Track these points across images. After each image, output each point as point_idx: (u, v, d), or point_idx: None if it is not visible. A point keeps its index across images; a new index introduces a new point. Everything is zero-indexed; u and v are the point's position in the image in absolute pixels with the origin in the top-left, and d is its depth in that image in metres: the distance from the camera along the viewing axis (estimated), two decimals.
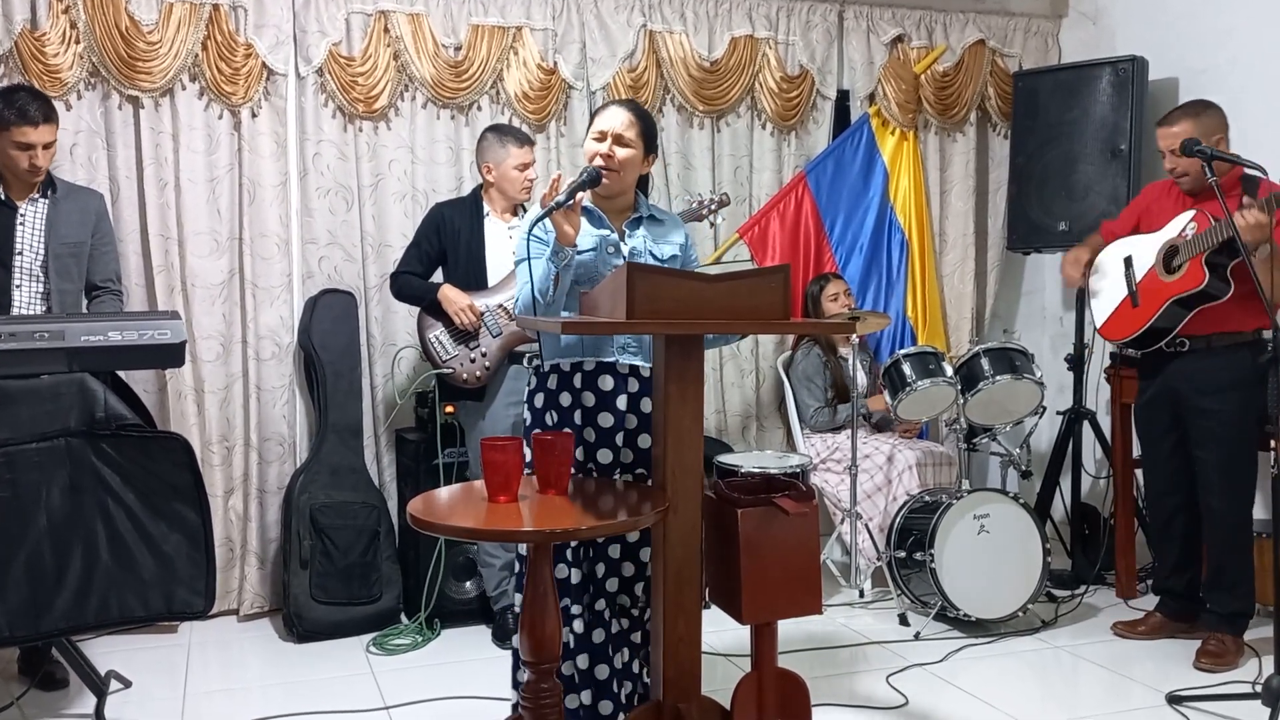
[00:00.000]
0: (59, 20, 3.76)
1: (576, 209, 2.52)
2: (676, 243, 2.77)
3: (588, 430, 2.64)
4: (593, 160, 2.64)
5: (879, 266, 4.89)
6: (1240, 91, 4.23)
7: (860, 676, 3.47)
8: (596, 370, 2.65)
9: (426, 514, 2.20)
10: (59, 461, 2.71)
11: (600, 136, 2.65)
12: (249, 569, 4.06)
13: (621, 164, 2.64)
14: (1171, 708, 3.18)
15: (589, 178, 2.58)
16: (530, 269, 2.54)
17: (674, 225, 2.82)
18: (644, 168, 2.73)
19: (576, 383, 2.66)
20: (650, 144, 2.72)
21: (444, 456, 3.88)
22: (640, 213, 2.75)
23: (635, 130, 2.66)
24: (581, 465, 2.65)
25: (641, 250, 2.70)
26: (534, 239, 2.56)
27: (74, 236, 3.41)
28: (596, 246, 2.65)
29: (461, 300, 3.70)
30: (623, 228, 2.72)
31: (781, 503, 2.45)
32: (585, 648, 2.62)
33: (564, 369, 2.67)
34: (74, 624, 2.76)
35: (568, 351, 2.66)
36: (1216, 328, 3.50)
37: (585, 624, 2.62)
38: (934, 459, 4.35)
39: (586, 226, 2.62)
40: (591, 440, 2.64)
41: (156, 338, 2.84)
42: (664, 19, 4.55)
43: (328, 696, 3.31)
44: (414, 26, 4.17)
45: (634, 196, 2.76)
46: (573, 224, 2.51)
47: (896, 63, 4.86)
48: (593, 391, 2.64)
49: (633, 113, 2.69)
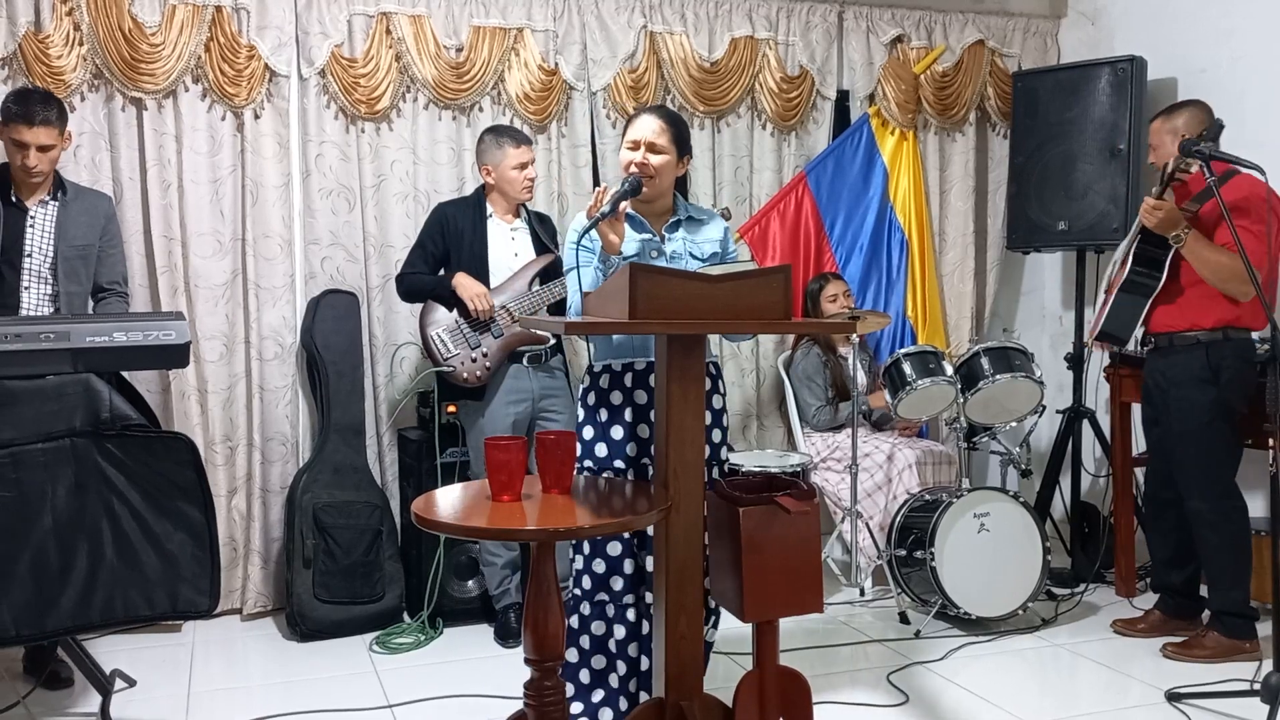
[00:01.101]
0: (63, 22, 3.78)
1: (620, 218, 2.64)
2: (715, 239, 2.87)
3: (641, 427, 2.73)
4: (628, 169, 2.74)
5: (879, 266, 4.90)
6: (1239, 92, 4.25)
7: (861, 674, 3.49)
8: (647, 370, 2.72)
9: (430, 513, 2.22)
10: (64, 461, 2.72)
11: (634, 146, 2.75)
12: (252, 568, 4.07)
13: (657, 170, 2.74)
14: (1170, 705, 3.19)
15: (630, 188, 2.68)
16: (579, 277, 2.65)
17: (711, 221, 2.91)
18: (679, 170, 2.83)
19: (628, 382, 2.75)
20: (684, 147, 2.82)
21: (445, 456, 3.89)
22: (679, 215, 2.85)
23: (667, 136, 2.75)
24: (634, 461, 2.73)
25: (681, 252, 2.80)
26: (581, 249, 2.68)
27: (82, 239, 3.43)
28: (640, 251, 2.76)
29: (476, 287, 3.71)
30: (662, 231, 2.81)
31: (783, 501, 2.45)
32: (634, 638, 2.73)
33: (615, 369, 2.76)
34: (79, 623, 2.76)
35: (619, 352, 2.75)
36: (1174, 325, 3.56)
37: (637, 614, 2.72)
38: (934, 458, 4.36)
39: (629, 232, 2.73)
40: (645, 437, 2.72)
41: (161, 338, 2.85)
42: (664, 20, 4.56)
43: (331, 695, 3.32)
44: (416, 28, 4.19)
45: (673, 199, 2.86)
46: (618, 233, 2.64)
47: (896, 63, 4.88)
48: (644, 389, 2.73)
49: (663, 119, 2.78)
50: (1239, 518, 3.55)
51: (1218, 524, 3.52)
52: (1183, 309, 3.54)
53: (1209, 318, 3.49)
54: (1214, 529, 3.52)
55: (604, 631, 2.76)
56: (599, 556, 2.74)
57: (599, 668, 2.78)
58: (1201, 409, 3.51)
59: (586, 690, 2.79)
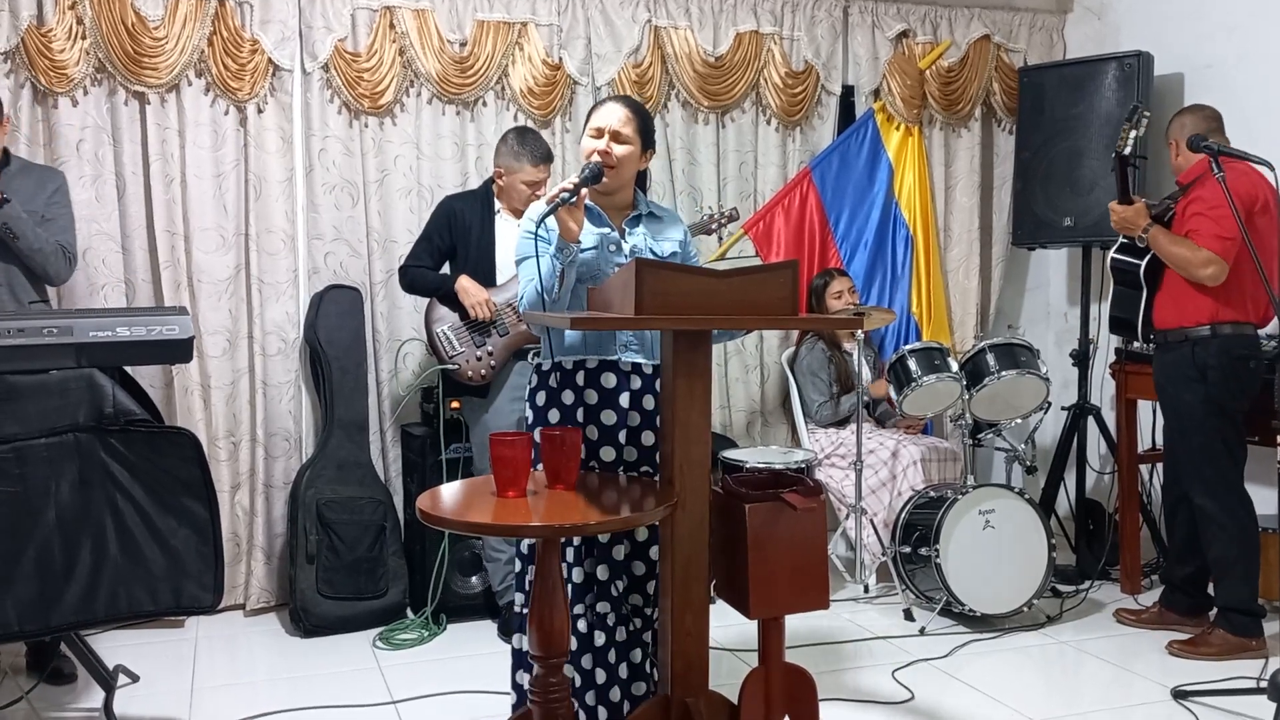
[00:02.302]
0: (65, 16, 3.77)
1: (580, 205, 2.52)
2: (675, 239, 2.77)
3: (590, 428, 2.64)
4: (590, 157, 2.64)
5: (884, 262, 4.89)
6: (1245, 87, 4.24)
7: (866, 671, 3.48)
8: (599, 368, 2.64)
9: (435, 509, 2.21)
10: (68, 456, 2.71)
11: (597, 133, 2.65)
12: (255, 564, 4.07)
13: (620, 160, 2.64)
14: (1176, 702, 3.19)
15: (591, 174, 2.58)
16: (537, 266, 2.55)
17: (672, 221, 2.82)
18: (642, 163, 2.73)
19: (579, 380, 2.65)
20: (648, 139, 2.72)
21: (449, 452, 3.89)
22: (639, 210, 2.75)
23: (632, 126, 2.66)
24: (584, 463, 2.63)
25: (642, 248, 2.70)
26: (538, 237, 2.57)
27: (25, 206, 3.36)
28: (598, 245, 2.65)
29: (479, 294, 3.70)
30: (623, 225, 2.72)
31: (789, 498, 2.45)
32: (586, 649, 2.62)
33: (566, 366, 2.66)
34: (83, 618, 2.76)
35: (571, 350, 2.66)
36: (1169, 322, 3.58)
37: (588, 625, 2.62)
38: (939, 454, 4.35)
39: (587, 225, 2.62)
40: (594, 438, 2.64)
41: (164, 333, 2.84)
42: (669, 14, 4.55)
43: (334, 691, 3.32)
44: (419, 22, 4.18)
45: (633, 193, 2.76)
46: (576, 220, 2.52)
47: (901, 58, 4.86)
48: (595, 389, 2.64)
49: (629, 109, 2.69)
50: (1244, 514, 3.54)
51: (1222, 521, 3.51)
52: (1178, 305, 3.55)
53: (1198, 314, 3.50)
54: (1219, 526, 3.52)
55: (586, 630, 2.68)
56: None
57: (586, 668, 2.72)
58: (1193, 408, 3.52)
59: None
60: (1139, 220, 3.54)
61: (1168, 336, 3.59)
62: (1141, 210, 3.55)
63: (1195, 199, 3.47)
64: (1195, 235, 3.44)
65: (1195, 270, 3.44)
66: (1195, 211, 3.45)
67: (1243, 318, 3.50)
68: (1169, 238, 3.51)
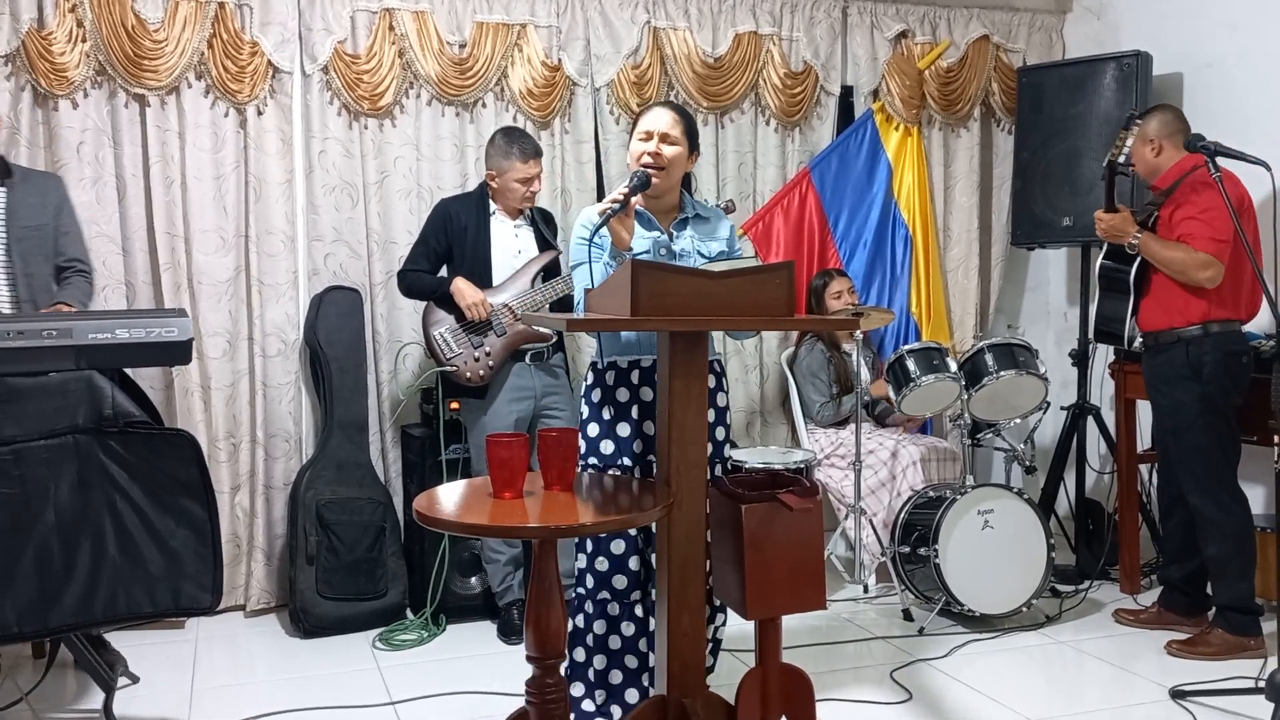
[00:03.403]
0: (65, 19, 3.78)
1: (630, 213, 2.62)
2: (723, 237, 2.85)
3: (647, 424, 2.71)
4: (640, 160, 2.71)
5: (883, 262, 4.89)
6: (1244, 86, 4.23)
7: (864, 671, 3.48)
8: (653, 366, 2.71)
9: (432, 510, 2.22)
10: (67, 458, 2.71)
11: (647, 136, 2.72)
12: (255, 565, 4.07)
13: (669, 162, 2.72)
14: (1175, 702, 3.18)
15: (640, 182, 2.66)
16: (590, 273, 2.63)
17: (718, 220, 2.89)
18: (689, 165, 2.83)
19: (634, 379, 2.73)
20: (694, 142, 2.81)
21: (448, 452, 3.89)
22: (686, 213, 2.83)
23: (680, 129, 2.74)
24: (641, 458, 2.71)
25: (690, 250, 2.78)
26: (592, 245, 2.65)
27: (34, 220, 3.39)
28: (649, 249, 2.74)
29: (474, 295, 3.71)
30: (670, 229, 2.80)
31: (785, 498, 2.45)
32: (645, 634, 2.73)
33: (621, 366, 2.74)
34: (82, 619, 2.76)
35: (626, 349, 2.74)
36: (1159, 324, 3.58)
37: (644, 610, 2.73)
38: (938, 454, 4.35)
39: (638, 230, 2.72)
40: (651, 434, 2.71)
41: (164, 335, 2.84)
42: (668, 15, 4.55)
43: (334, 691, 3.32)
44: (419, 24, 4.18)
45: (679, 196, 2.84)
46: (628, 228, 2.63)
47: (900, 58, 4.86)
48: (650, 386, 2.71)
49: (675, 112, 2.78)
50: (1241, 513, 3.54)
51: (1219, 520, 3.51)
52: (1165, 306, 3.55)
53: (1190, 313, 3.50)
54: (1215, 525, 3.52)
55: (604, 631, 2.76)
56: (601, 554, 2.73)
57: (600, 668, 2.78)
58: (1188, 406, 3.52)
59: (592, 688, 2.79)
60: (1128, 227, 3.55)
61: (1158, 338, 3.59)
62: (1129, 217, 3.57)
63: (1185, 203, 3.46)
64: (1190, 239, 3.44)
65: (1193, 273, 3.43)
66: (1187, 215, 3.45)
67: (1233, 315, 3.51)
68: (1160, 243, 3.51)
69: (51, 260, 3.45)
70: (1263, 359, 3.56)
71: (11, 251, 3.35)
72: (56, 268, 3.48)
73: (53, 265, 3.46)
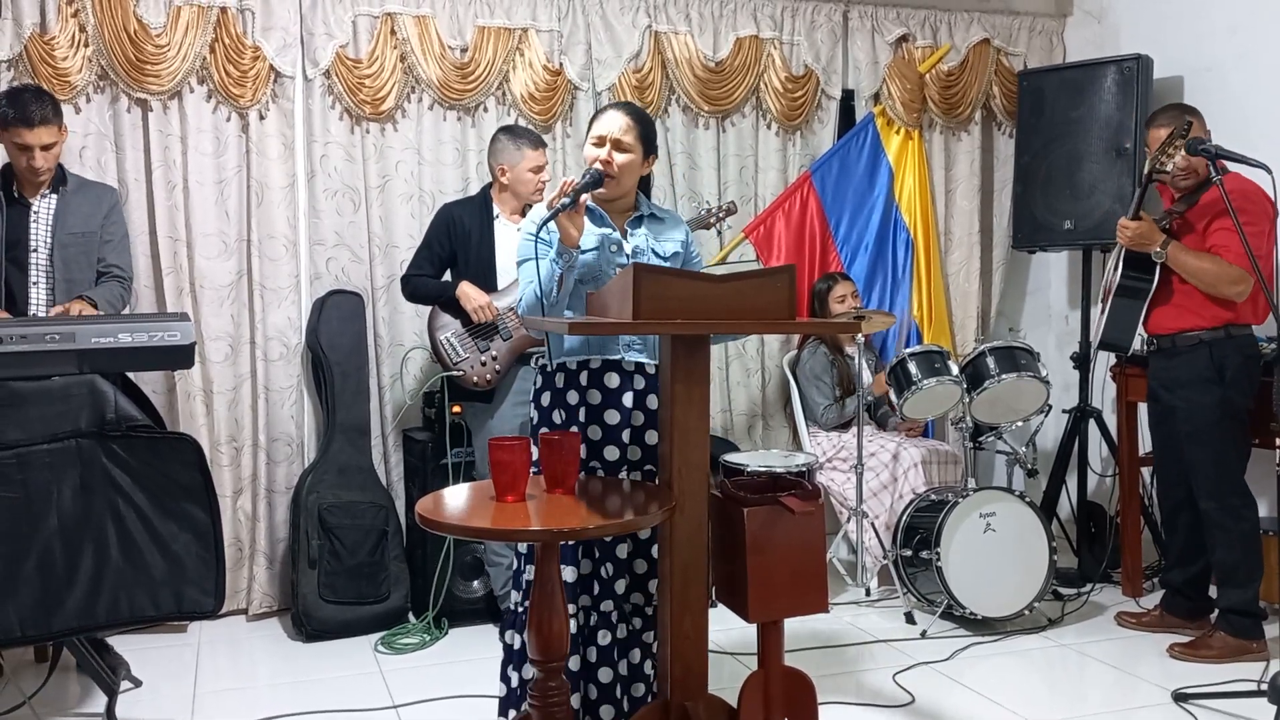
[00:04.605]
0: (68, 24, 3.79)
1: (581, 211, 2.54)
2: (678, 240, 2.78)
3: (593, 428, 2.65)
4: (593, 165, 2.65)
5: (884, 266, 4.90)
6: (1244, 89, 4.24)
7: (867, 675, 3.48)
8: (602, 368, 2.66)
9: (435, 514, 2.22)
10: (70, 462, 2.72)
11: (599, 142, 2.66)
12: (258, 568, 4.08)
13: (621, 169, 2.65)
14: (1177, 705, 3.18)
15: (592, 180, 2.60)
16: (537, 270, 2.57)
17: (674, 223, 2.83)
18: (644, 169, 2.74)
19: (583, 381, 2.67)
20: (649, 146, 2.72)
21: (451, 456, 3.89)
22: (641, 211, 2.77)
23: (633, 134, 2.67)
24: (586, 464, 2.65)
25: (644, 249, 2.71)
26: (539, 240, 2.59)
27: (81, 227, 3.43)
28: (599, 245, 2.67)
29: (481, 298, 3.71)
30: (625, 226, 2.74)
31: (787, 501, 2.45)
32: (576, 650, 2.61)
33: (570, 367, 2.68)
34: (84, 623, 2.76)
35: (574, 351, 2.67)
36: (1175, 326, 3.56)
37: (578, 625, 2.62)
38: (940, 457, 4.35)
39: (589, 226, 2.64)
40: (598, 438, 2.66)
41: (166, 339, 2.85)
42: (669, 20, 4.56)
43: (336, 695, 3.32)
44: (420, 28, 4.19)
45: (635, 196, 2.78)
46: (577, 225, 2.54)
47: (901, 62, 4.87)
48: (599, 389, 2.65)
49: (630, 116, 2.69)
50: (1249, 516, 3.54)
51: (1227, 523, 3.51)
52: (1181, 309, 3.53)
53: (1209, 316, 3.48)
54: (1223, 528, 3.51)
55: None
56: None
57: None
58: (1209, 409, 3.50)
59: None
60: (1155, 235, 3.50)
61: (1175, 341, 3.56)
62: (1154, 226, 3.53)
63: (1221, 212, 3.35)
64: (1224, 251, 3.41)
65: (1224, 287, 3.40)
66: (1221, 226, 3.39)
67: (1250, 320, 3.51)
68: (1190, 253, 3.48)
69: (94, 267, 3.48)
70: (1264, 362, 3.56)
71: (54, 257, 3.40)
72: (97, 274, 3.50)
73: (95, 272, 3.49)
